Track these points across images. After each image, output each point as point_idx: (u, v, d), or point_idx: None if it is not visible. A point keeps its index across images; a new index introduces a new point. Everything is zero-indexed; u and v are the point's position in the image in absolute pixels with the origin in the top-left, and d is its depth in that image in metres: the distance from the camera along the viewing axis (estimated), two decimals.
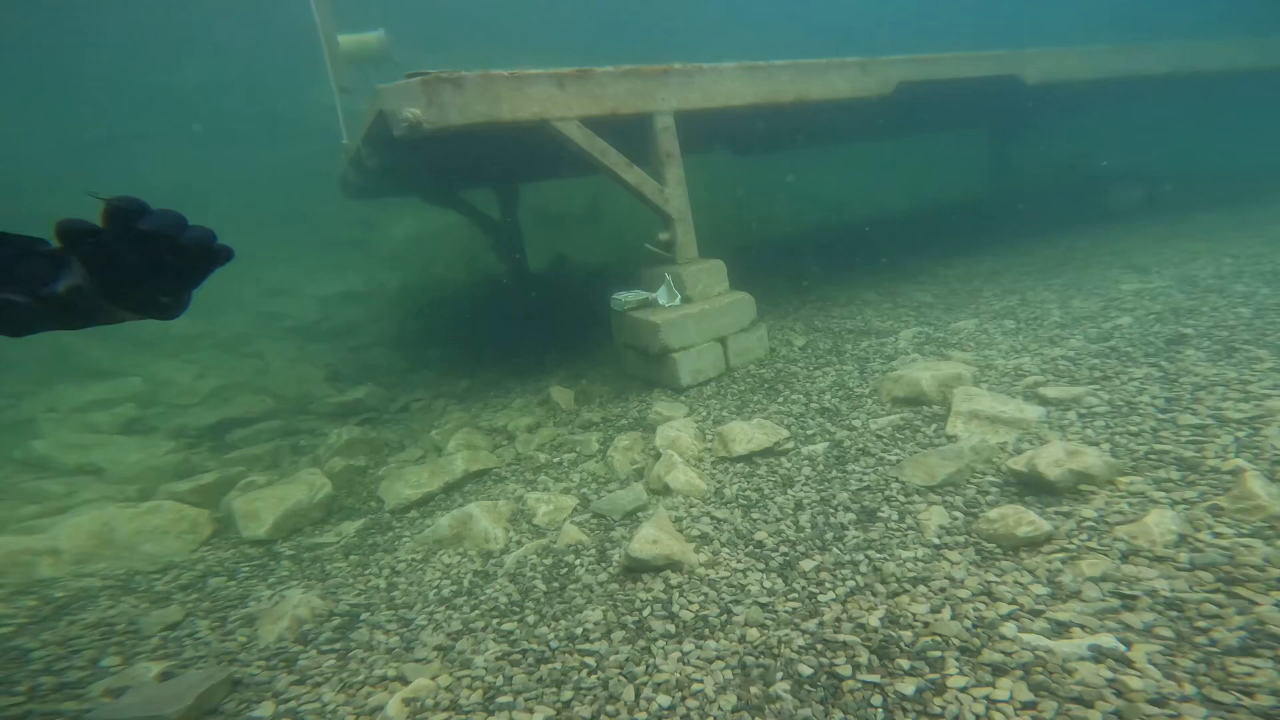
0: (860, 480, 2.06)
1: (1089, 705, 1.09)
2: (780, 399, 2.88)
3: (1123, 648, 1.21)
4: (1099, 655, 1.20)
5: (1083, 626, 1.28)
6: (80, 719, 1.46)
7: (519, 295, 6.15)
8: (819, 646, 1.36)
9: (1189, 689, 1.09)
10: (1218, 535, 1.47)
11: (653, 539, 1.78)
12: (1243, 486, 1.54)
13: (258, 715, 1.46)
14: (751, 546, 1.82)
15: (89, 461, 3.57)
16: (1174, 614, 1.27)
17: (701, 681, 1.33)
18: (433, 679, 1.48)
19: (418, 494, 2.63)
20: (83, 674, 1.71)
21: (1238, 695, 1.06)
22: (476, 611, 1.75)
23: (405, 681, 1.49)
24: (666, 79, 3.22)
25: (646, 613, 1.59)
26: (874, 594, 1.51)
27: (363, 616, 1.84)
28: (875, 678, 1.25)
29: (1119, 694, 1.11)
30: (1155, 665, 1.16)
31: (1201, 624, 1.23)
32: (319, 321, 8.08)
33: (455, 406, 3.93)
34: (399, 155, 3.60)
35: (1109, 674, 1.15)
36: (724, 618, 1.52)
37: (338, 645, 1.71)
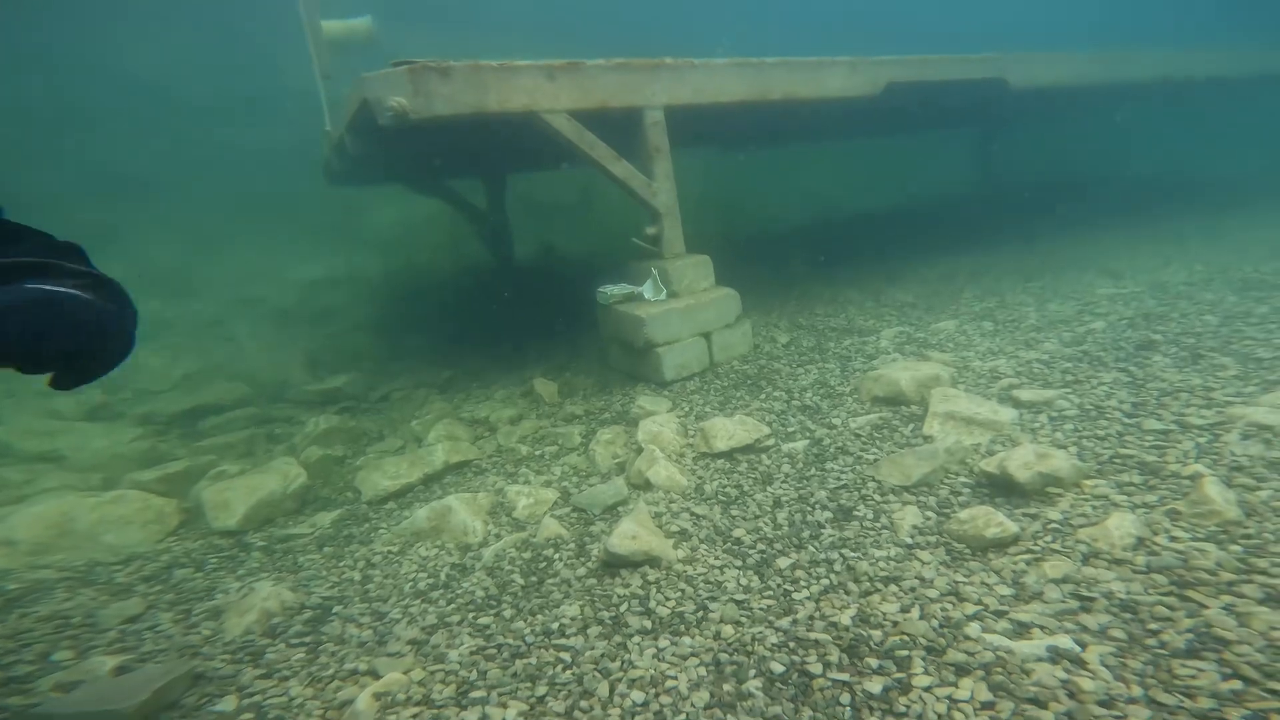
0: (838, 479, 2.09)
1: (1043, 706, 1.13)
2: (763, 396, 2.90)
3: (1078, 649, 1.25)
4: (1056, 656, 1.24)
5: (1042, 628, 1.32)
6: (26, 714, 1.42)
7: (504, 285, 6.08)
8: (792, 644, 1.39)
9: (1136, 690, 1.14)
10: (1174, 539, 1.52)
11: (632, 534, 1.79)
12: (1200, 491, 1.60)
13: (219, 710, 1.44)
14: (730, 543, 1.83)
15: (50, 448, 3.45)
16: (1128, 616, 1.32)
17: (676, 678, 1.34)
18: (405, 673, 1.47)
19: (396, 485, 2.60)
20: (31, 668, 1.66)
21: (1180, 697, 1.10)
22: (452, 605, 1.74)
23: (377, 676, 1.48)
24: (658, 73, 3.19)
25: (624, 608, 1.60)
26: (847, 593, 1.54)
27: (335, 610, 1.82)
28: (845, 676, 1.27)
29: (1071, 695, 1.15)
30: (1107, 666, 1.20)
31: (1153, 626, 1.28)
32: (298, 307, 7.89)
33: (437, 396, 3.88)
34: (384, 144, 3.51)
35: (1064, 675, 1.19)
36: (700, 614, 1.53)
37: (308, 639, 1.69)
